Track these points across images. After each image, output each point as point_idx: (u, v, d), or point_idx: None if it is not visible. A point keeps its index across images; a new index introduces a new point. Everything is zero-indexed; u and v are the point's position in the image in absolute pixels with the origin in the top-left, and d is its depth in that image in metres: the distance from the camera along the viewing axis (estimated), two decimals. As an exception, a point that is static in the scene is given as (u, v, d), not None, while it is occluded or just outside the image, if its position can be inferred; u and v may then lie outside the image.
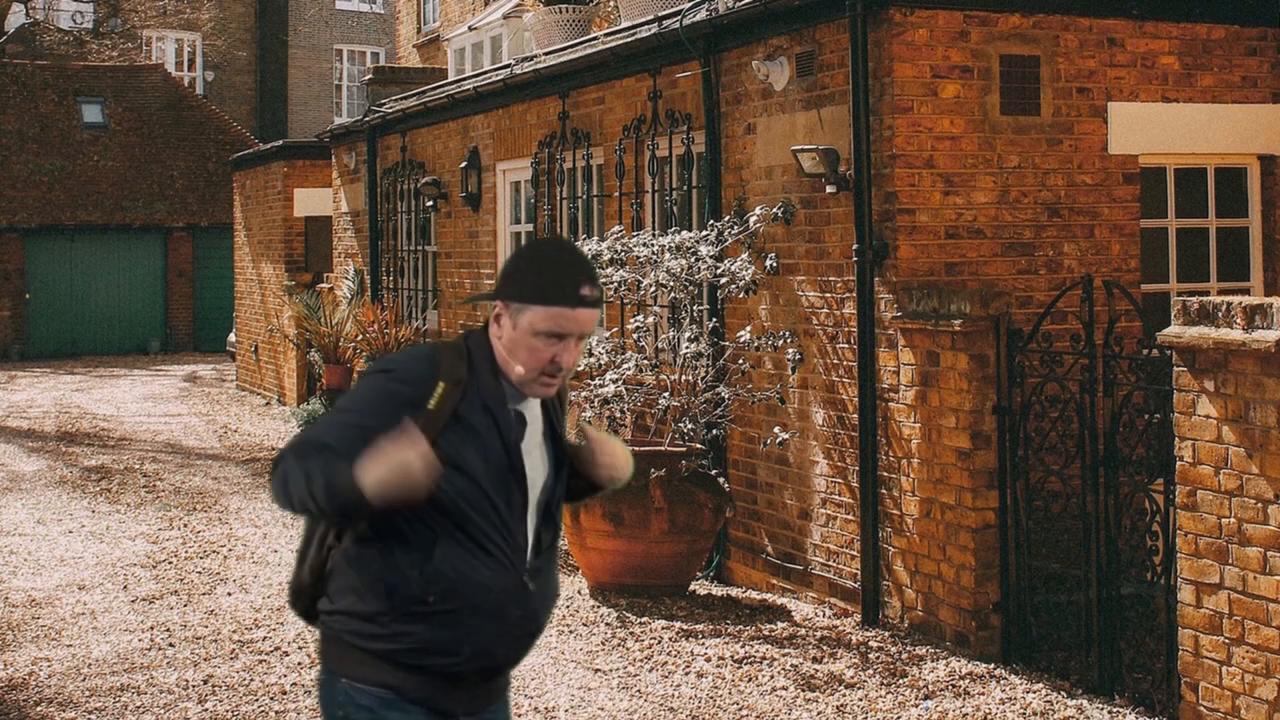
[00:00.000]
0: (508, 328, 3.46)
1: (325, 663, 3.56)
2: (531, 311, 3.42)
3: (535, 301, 3.42)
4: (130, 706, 7.29)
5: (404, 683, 3.45)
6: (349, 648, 3.49)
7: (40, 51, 35.15)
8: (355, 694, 3.47)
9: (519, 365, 3.46)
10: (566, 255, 3.48)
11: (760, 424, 9.81)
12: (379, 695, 3.45)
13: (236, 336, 25.87)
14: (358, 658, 3.47)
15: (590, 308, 3.44)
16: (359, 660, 3.47)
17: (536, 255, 3.48)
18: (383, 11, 42.47)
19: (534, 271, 3.44)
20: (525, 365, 3.46)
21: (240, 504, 13.28)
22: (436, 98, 15.18)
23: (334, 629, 3.52)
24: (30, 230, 32.90)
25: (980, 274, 8.61)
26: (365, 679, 3.47)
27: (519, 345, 3.45)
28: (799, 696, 7.31)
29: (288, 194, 21.90)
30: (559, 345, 3.44)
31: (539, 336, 3.43)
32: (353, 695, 3.47)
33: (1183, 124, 9.17)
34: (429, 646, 3.43)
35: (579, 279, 3.43)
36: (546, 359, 3.45)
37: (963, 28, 8.61)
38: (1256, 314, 6.01)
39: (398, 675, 3.46)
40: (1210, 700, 6.32)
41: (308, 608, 3.62)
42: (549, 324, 3.42)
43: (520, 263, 3.49)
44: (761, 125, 9.76)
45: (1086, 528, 7.39)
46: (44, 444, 17.60)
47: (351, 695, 3.48)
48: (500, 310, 3.48)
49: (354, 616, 3.48)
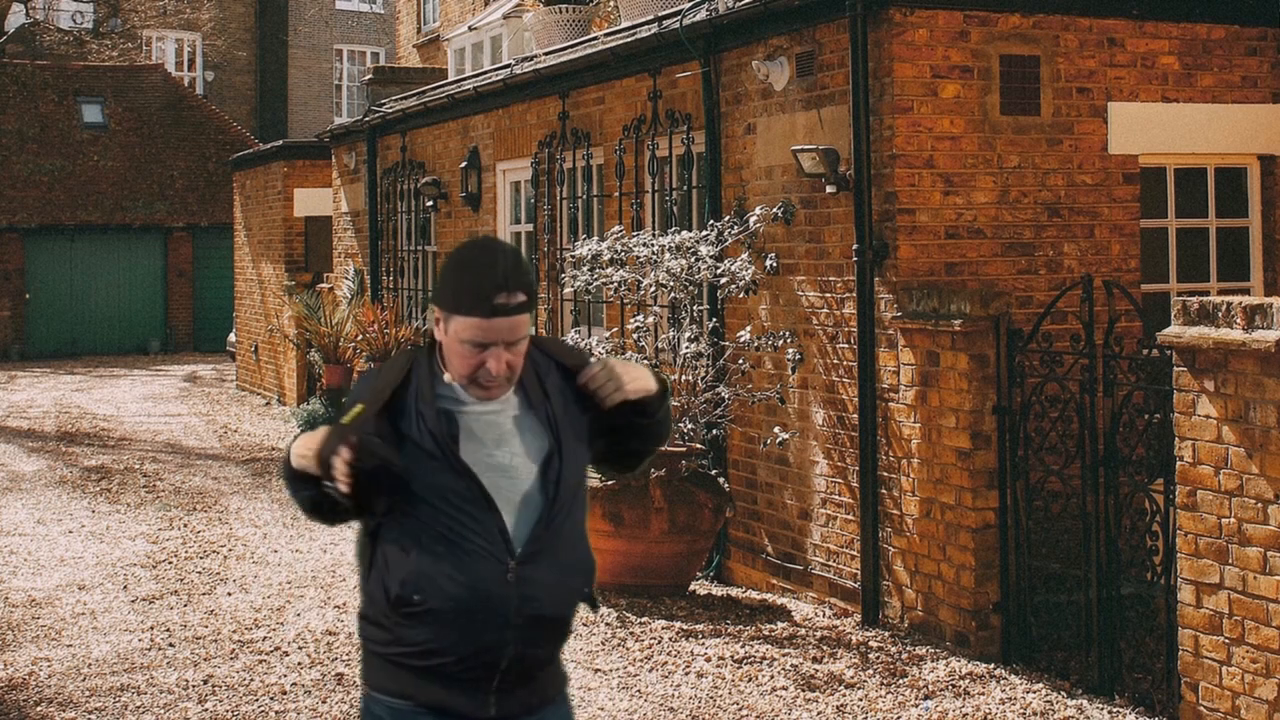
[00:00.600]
0: (441, 334, 3.47)
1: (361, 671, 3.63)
2: (455, 321, 3.40)
3: (455, 311, 3.40)
4: (130, 706, 7.29)
5: (417, 691, 3.46)
6: (370, 655, 3.54)
7: (40, 51, 35.14)
8: (371, 704, 3.52)
9: (451, 372, 3.48)
10: (485, 260, 3.40)
11: (760, 424, 9.81)
12: (392, 706, 3.48)
13: (236, 336, 25.86)
14: (376, 665, 3.52)
15: (510, 315, 3.38)
16: (377, 669, 3.52)
17: (459, 261, 3.44)
18: (383, 11, 42.47)
19: (455, 279, 3.41)
20: (457, 372, 3.47)
21: (240, 504, 13.28)
22: (436, 98, 15.18)
23: (360, 633, 3.59)
24: (30, 230, 32.90)
25: (980, 274, 8.61)
26: (382, 689, 3.51)
27: (451, 351, 3.46)
28: (799, 696, 7.31)
29: (288, 194, 21.90)
30: (485, 352, 3.42)
31: (464, 344, 3.41)
32: (369, 705, 3.53)
33: (1183, 124, 9.17)
34: (428, 647, 3.44)
35: (496, 287, 3.36)
36: (475, 365, 3.43)
37: (963, 28, 8.61)
38: (1256, 314, 6.01)
39: (410, 682, 3.46)
40: (1210, 700, 6.32)
41: None
42: (470, 333, 3.39)
43: (446, 268, 3.46)
44: (761, 125, 9.77)
45: (1086, 528, 7.39)
46: (44, 444, 17.60)
47: (369, 705, 3.53)
48: (438, 315, 3.47)
49: (366, 620, 3.54)
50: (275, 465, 15.84)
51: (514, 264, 3.41)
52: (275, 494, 13.85)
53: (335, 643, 8.39)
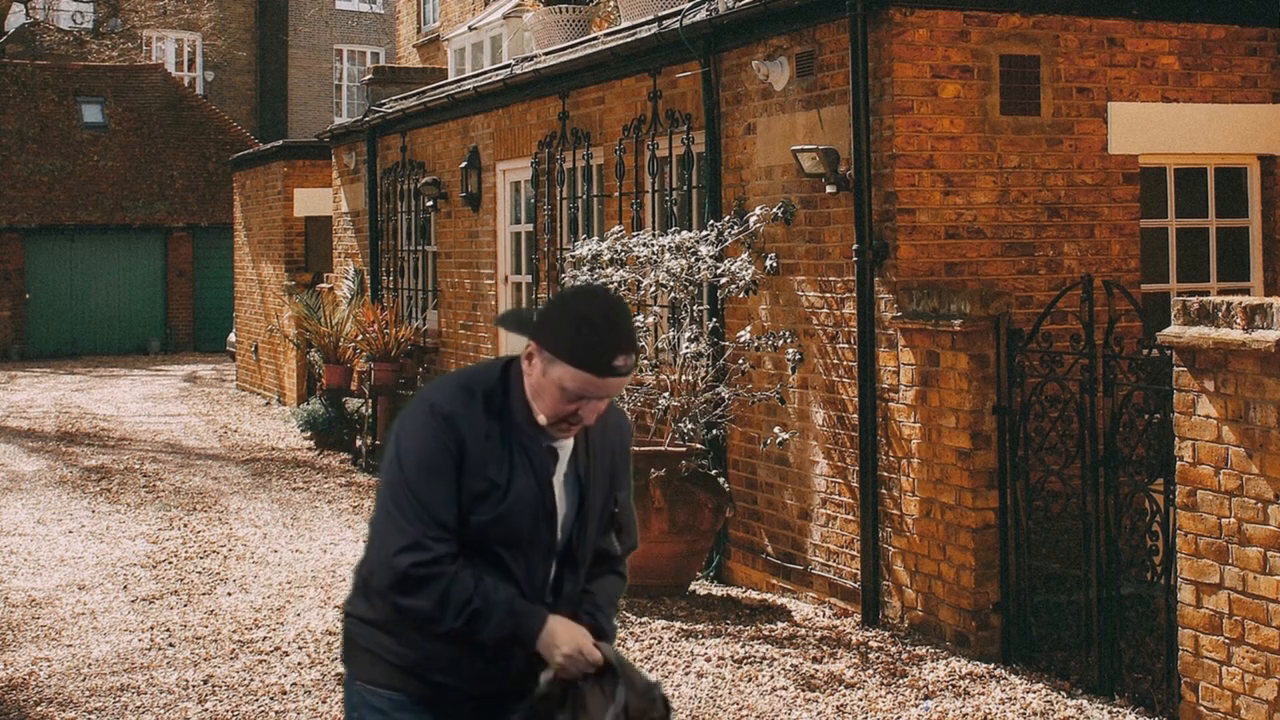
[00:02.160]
0: (537, 371, 3.44)
1: (345, 663, 3.63)
2: (562, 368, 3.39)
3: (567, 361, 3.38)
4: (130, 706, 7.29)
5: (409, 686, 3.51)
6: (363, 651, 3.55)
7: (40, 51, 35.13)
8: (368, 695, 3.54)
9: (541, 409, 3.46)
10: (609, 319, 3.39)
11: (760, 424, 9.81)
12: (390, 698, 3.51)
13: (236, 336, 25.87)
14: (370, 660, 3.54)
15: (621, 376, 3.41)
16: (371, 663, 3.54)
17: (580, 313, 3.40)
18: (383, 11, 42.46)
19: (573, 329, 3.38)
20: (546, 412, 3.45)
21: (240, 504, 13.28)
22: (436, 98, 15.18)
23: (350, 631, 3.60)
24: (30, 230, 32.90)
25: (980, 274, 8.61)
26: (376, 681, 3.53)
27: (544, 391, 3.44)
28: (799, 696, 7.31)
29: (288, 194, 21.90)
30: (583, 403, 3.43)
31: (565, 391, 3.41)
32: (365, 697, 3.54)
33: (1183, 124, 9.17)
34: (433, 662, 3.48)
35: (616, 348, 3.37)
36: (569, 411, 3.44)
37: (963, 28, 8.61)
38: (1256, 314, 6.01)
39: (402, 679, 3.51)
40: (1210, 700, 6.32)
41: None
42: (576, 385, 3.39)
43: (562, 314, 3.42)
44: (761, 125, 9.76)
45: (1086, 528, 7.39)
46: (44, 444, 17.60)
47: (365, 697, 3.54)
48: (533, 351, 3.45)
49: (365, 622, 3.55)
50: (275, 465, 15.84)
51: (630, 325, 3.44)
52: (275, 494, 13.86)
53: (335, 643, 8.39)
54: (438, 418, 3.43)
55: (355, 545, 11.31)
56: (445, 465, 3.40)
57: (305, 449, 17.18)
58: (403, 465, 3.43)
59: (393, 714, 3.50)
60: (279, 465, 15.83)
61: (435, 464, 3.40)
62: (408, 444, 3.45)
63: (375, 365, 15.51)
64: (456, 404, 3.45)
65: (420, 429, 3.44)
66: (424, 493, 3.39)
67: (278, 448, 17.35)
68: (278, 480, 14.73)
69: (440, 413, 3.43)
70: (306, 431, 17.44)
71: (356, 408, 16.39)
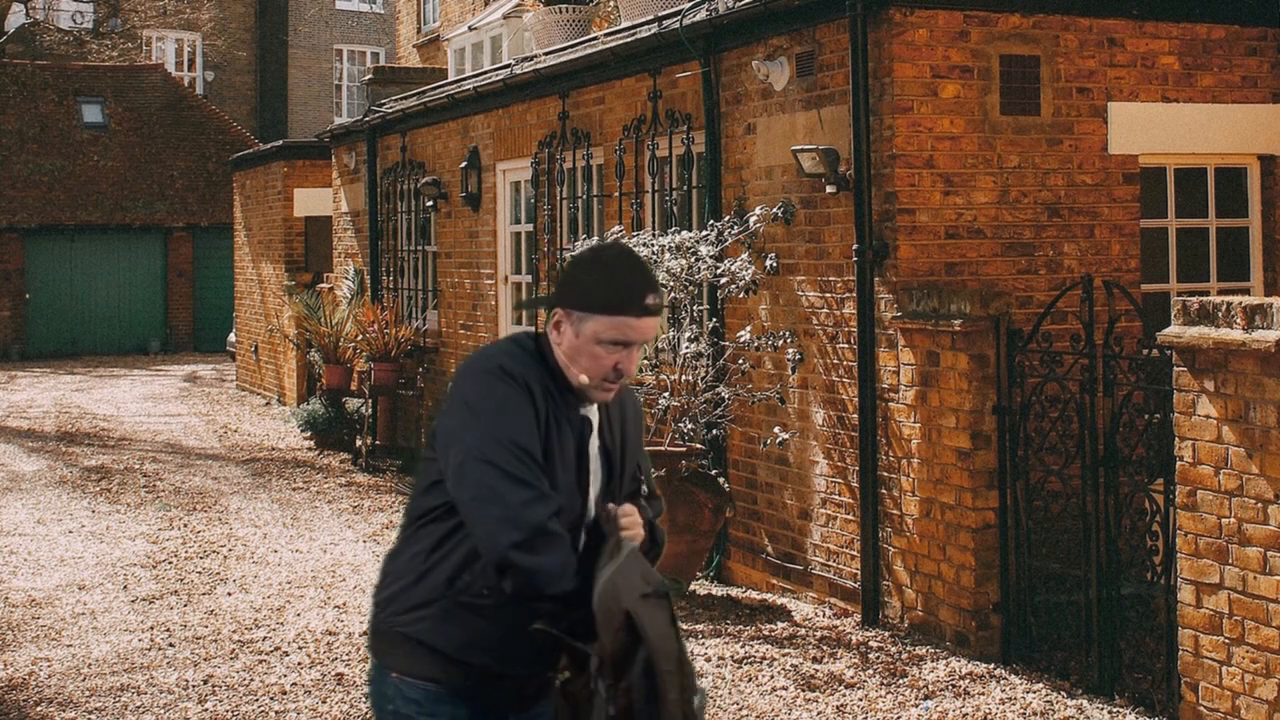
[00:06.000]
0: (569, 335, 3.47)
1: (376, 656, 3.63)
2: (595, 320, 3.43)
3: (599, 311, 3.43)
4: (130, 706, 7.29)
5: (450, 676, 3.51)
6: (398, 640, 3.55)
7: (40, 51, 35.13)
8: (404, 688, 3.54)
9: (581, 372, 3.48)
10: (629, 263, 3.48)
11: (760, 424, 9.81)
12: (426, 689, 3.52)
13: (236, 336, 25.87)
14: (406, 650, 3.53)
15: (654, 315, 3.46)
16: (407, 653, 3.53)
17: (599, 263, 3.48)
18: (383, 11, 42.46)
19: (598, 280, 3.44)
20: (588, 372, 3.48)
21: (240, 504, 13.28)
22: (436, 98, 15.18)
23: (384, 622, 3.59)
24: (30, 230, 32.90)
25: (980, 274, 8.61)
26: (412, 672, 3.53)
27: (581, 353, 3.47)
28: (799, 696, 7.31)
29: (288, 194, 21.90)
30: (622, 353, 3.46)
31: (603, 344, 3.45)
32: (401, 689, 3.54)
33: (1183, 124, 9.17)
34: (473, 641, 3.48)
35: (643, 287, 3.44)
36: (609, 366, 3.47)
37: (963, 28, 8.61)
38: (1256, 314, 6.01)
39: (443, 668, 3.51)
40: (1210, 700, 6.32)
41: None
42: (614, 333, 3.44)
43: (582, 271, 3.49)
44: (761, 125, 9.77)
45: (1086, 528, 7.39)
46: (44, 444, 17.60)
47: (400, 689, 3.54)
48: (560, 318, 3.48)
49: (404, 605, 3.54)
50: (275, 465, 15.85)
51: (649, 267, 3.52)
52: (275, 494, 13.86)
53: (335, 643, 8.39)
54: (511, 377, 3.43)
55: (355, 545, 11.32)
56: (532, 420, 3.41)
57: (305, 449, 17.18)
58: (492, 426, 3.37)
59: (429, 705, 3.51)
60: (279, 465, 15.83)
61: (525, 420, 3.40)
62: (488, 404, 3.40)
63: (375, 365, 15.52)
64: (520, 365, 3.47)
65: (496, 387, 3.42)
66: (529, 445, 3.38)
67: (278, 448, 17.35)
68: (278, 480, 14.73)
69: (512, 372, 3.44)
70: (306, 431, 17.44)
71: (356, 408, 16.40)
